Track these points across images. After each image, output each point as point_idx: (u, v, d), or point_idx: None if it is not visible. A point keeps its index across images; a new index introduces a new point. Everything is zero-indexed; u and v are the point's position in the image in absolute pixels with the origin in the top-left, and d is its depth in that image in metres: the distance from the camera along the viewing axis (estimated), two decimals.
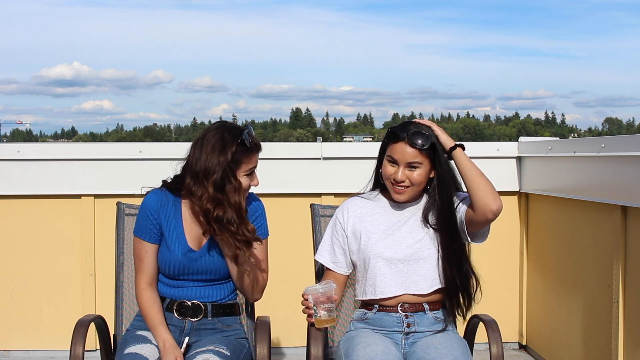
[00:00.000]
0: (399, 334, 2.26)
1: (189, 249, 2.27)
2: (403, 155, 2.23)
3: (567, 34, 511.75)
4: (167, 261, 2.27)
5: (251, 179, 2.27)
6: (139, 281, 2.30)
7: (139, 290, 2.30)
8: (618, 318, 2.96)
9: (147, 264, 2.29)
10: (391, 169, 2.27)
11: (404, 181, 2.25)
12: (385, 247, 2.29)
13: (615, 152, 2.94)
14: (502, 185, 4.06)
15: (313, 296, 2.13)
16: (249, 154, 2.25)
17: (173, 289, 2.31)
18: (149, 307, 2.26)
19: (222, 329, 2.32)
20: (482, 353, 2.62)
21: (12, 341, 4.00)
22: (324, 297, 2.13)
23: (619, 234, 2.94)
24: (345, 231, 2.36)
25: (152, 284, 2.30)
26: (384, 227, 2.33)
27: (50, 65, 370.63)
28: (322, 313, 2.13)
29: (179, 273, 2.28)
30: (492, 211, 2.20)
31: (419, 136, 2.22)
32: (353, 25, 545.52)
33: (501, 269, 4.13)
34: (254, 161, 2.28)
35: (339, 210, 2.41)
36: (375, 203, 2.38)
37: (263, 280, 2.37)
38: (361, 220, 2.35)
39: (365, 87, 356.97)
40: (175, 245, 2.26)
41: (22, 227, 3.97)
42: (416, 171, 2.25)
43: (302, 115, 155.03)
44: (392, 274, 2.25)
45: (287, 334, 3.57)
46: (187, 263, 2.27)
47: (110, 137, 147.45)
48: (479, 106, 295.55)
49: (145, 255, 2.28)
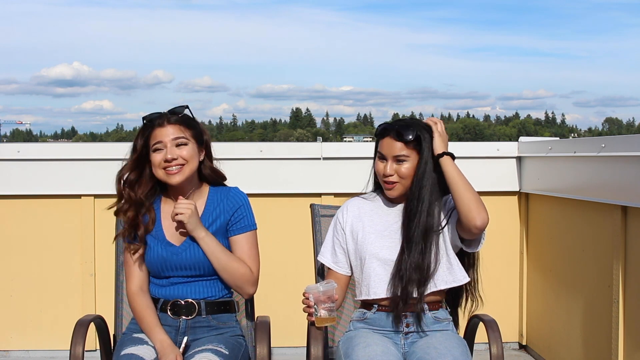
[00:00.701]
0: (397, 334, 2.26)
1: (168, 243, 2.29)
2: (390, 149, 2.24)
3: (567, 34, 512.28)
4: (149, 258, 2.30)
5: (161, 154, 2.26)
6: (129, 286, 2.32)
7: (130, 296, 2.31)
8: (618, 318, 2.96)
9: (134, 267, 2.31)
10: (381, 165, 2.28)
11: (392, 175, 2.25)
12: (381, 248, 2.29)
13: (615, 152, 2.93)
14: (502, 185, 4.08)
15: (314, 295, 2.13)
16: (149, 132, 2.29)
17: (164, 289, 2.31)
18: (142, 310, 2.27)
19: (218, 326, 2.32)
20: (482, 353, 2.62)
21: (12, 341, 4.00)
22: (324, 297, 2.13)
23: (619, 234, 2.94)
24: (344, 231, 2.36)
25: (143, 287, 2.32)
26: (380, 227, 2.32)
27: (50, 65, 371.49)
28: (323, 312, 2.12)
29: (163, 268, 2.29)
30: (475, 226, 2.14)
31: (403, 129, 2.23)
32: (353, 25, 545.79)
33: (501, 269, 4.13)
34: (157, 136, 2.27)
35: (340, 211, 2.41)
36: (373, 203, 2.39)
37: (250, 273, 2.32)
38: (359, 220, 2.35)
39: (365, 87, 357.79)
40: (154, 241, 2.29)
41: (22, 227, 3.97)
42: (404, 165, 2.24)
43: (302, 115, 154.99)
44: (387, 275, 2.25)
45: (287, 334, 3.56)
46: (168, 257, 2.28)
47: (110, 137, 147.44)
48: (479, 106, 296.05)
49: (131, 259, 2.31)
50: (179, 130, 2.28)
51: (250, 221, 2.37)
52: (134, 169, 2.30)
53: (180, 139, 2.27)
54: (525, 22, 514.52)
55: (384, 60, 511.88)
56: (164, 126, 2.28)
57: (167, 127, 2.28)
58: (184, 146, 2.27)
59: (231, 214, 2.34)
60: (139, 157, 2.29)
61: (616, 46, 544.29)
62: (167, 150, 2.25)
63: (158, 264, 2.29)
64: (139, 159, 2.29)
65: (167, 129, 2.27)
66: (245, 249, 2.34)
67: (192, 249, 2.28)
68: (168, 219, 2.32)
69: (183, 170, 2.26)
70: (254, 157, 3.96)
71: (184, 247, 2.29)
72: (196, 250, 2.28)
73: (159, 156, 2.26)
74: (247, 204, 2.37)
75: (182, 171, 2.26)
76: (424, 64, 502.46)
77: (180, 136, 2.27)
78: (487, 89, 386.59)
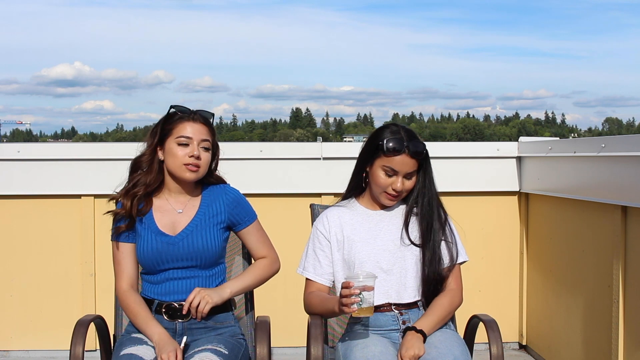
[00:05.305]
0: (395, 332, 2.26)
1: (162, 233, 2.29)
2: (403, 166, 2.25)
3: (567, 34, 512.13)
4: (142, 251, 2.28)
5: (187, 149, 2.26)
6: (119, 284, 2.31)
7: (120, 294, 2.31)
8: (618, 318, 2.96)
9: (123, 265, 2.31)
10: (389, 180, 2.27)
11: (402, 190, 2.28)
12: (368, 255, 2.30)
13: (615, 152, 2.93)
14: (502, 185, 4.08)
15: (356, 284, 2.07)
16: (178, 122, 2.29)
17: (159, 286, 2.30)
18: (134, 306, 2.27)
19: (215, 326, 2.32)
20: (482, 353, 2.62)
21: (12, 341, 4.00)
22: (366, 286, 2.07)
23: (619, 234, 2.94)
24: (329, 240, 2.36)
25: (133, 286, 2.32)
26: (364, 234, 2.34)
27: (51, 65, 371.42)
28: (367, 302, 2.06)
29: (159, 261, 2.28)
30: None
31: (418, 144, 2.25)
32: (353, 25, 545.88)
33: (501, 269, 4.13)
34: (187, 130, 2.28)
35: (318, 222, 2.41)
36: (352, 211, 2.40)
37: (269, 262, 2.43)
38: (341, 229, 2.36)
39: (366, 87, 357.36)
40: (147, 232, 2.29)
41: (22, 227, 3.97)
42: (411, 179, 2.29)
43: (302, 115, 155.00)
44: (379, 279, 2.24)
45: (287, 334, 3.56)
46: (162, 248, 2.27)
47: (110, 137, 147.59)
48: (479, 106, 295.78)
49: (121, 256, 2.31)
50: (207, 133, 2.31)
51: (252, 211, 2.43)
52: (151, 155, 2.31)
53: (206, 142, 2.30)
54: (526, 22, 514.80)
55: (384, 60, 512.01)
56: (197, 122, 2.30)
57: (200, 125, 2.30)
58: (206, 150, 2.31)
59: (232, 208, 2.36)
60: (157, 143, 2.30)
61: (616, 46, 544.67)
62: (195, 147, 2.26)
63: (153, 256, 2.27)
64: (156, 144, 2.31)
65: (200, 126, 2.30)
66: (258, 236, 2.42)
67: (189, 238, 2.29)
68: (159, 211, 2.32)
69: (198, 172, 2.29)
70: (254, 157, 3.96)
71: (181, 237, 2.29)
72: (194, 240, 2.29)
73: (185, 150, 2.26)
74: (243, 197, 2.43)
75: (198, 172, 2.29)
76: (425, 64, 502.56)
77: (207, 139, 2.31)
78: (488, 89, 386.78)
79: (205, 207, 2.35)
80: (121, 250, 2.32)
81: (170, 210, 2.33)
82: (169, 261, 2.28)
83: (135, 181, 2.31)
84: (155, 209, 2.33)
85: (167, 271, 2.30)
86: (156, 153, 2.31)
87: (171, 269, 2.29)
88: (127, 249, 2.32)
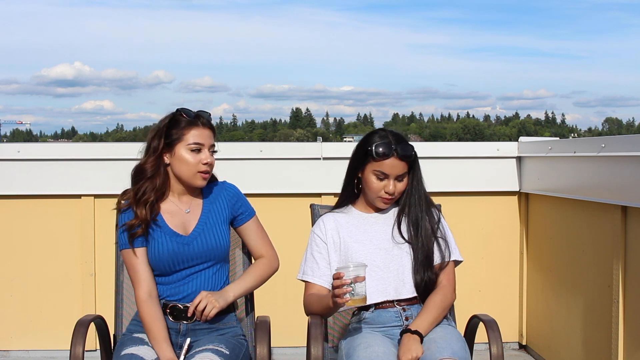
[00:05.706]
0: (398, 328, 2.27)
1: (175, 234, 2.28)
2: (393, 169, 2.30)
3: (567, 34, 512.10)
4: (158, 253, 2.27)
5: (201, 156, 2.26)
6: (138, 293, 2.27)
7: (139, 303, 2.26)
8: (618, 318, 2.96)
9: (141, 271, 2.26)
10: (381, 184, 2.32)
11: (394, 192, 2.32)
12: (365, 256, 2.32)
13: (615, 152, 2.94)
14: (502, 185, 4.08)
15: (347, 275, 2.09)
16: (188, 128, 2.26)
17: (169, 287, 2.30)
18: (151, 321, 2.22)
19: (218, 327, 2.32)
20: (482, 353, 2.62)
21: (12, 341, 4.00)
22: (357, 276, 2.09)
23: (619, 234, 2.94)
24: (326, 243, 2.39)
25: (152, 294, 2.26)
26: (360, 236, 2.38)
27: (51, 65, 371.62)
28: (358, 292, 2.09)
29: (174, 262, 2.27)
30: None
31: (406, 147, 2.31)
32: (354, 25, 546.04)
33: (501, 268, 4.13)
34: (198, 136, 2.26)
35: (316, 227, 2.45)
36: (348, 215, 2.44)
37: (268, 262, 2.43)
38: (338, 231, 2.40)
39: (366, 87, 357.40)
40: (160, 234, 2.28)
41: (22, 227, 3.97)
42: (403, 181, 2.34)
43: (302, 115, 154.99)
44: (373, 281, 2.27)
45: (287, 334, 3.56)
46: (178, 249, 2.27)
47: (110, 137, 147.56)
48: (479, 106, 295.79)
49: (137, 262, 2.27)
50: (213, 137, 2.32)
51: (251, 206, 2.45)
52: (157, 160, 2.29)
53: (214, 146, 2.31)
54: (526, 22, 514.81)
55: (384, 60, 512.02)
56: (205, 127, 2.29)
57: (208, 130, 2.30)
58: (214, 154, 2.32)
59: (233, 202, 2.39)
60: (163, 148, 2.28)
61: (616, 46, 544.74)
62: (208, 154, 2.27)
63: (169, 257, 2.26)
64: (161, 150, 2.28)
65: (208, 131, 2.30)
66: (257, 232, 2.44)
67: (202, 236, 2.30)
68: (168, 213, 2.31)
69: (208, 177, 2.31)
70: (254, 157, 3.97)
71: (194, 236, 2.30)
72: (206, 238, 2.30)
73: (197, 157, 2.26)
74: (241, 193, 2.44)
75: (208, 178, 2.31)
76: (425, 64, 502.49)
77: (214, 143, 2.31)
78: (488, 89, 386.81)
79: (208, 204, 2.37)
80: (138, 255, 2.27)
81: (177, 210, 2.33)
82: (184, 261, 2.29)
83: (144, 188, 2.28)
84: (163, 211, 2.32)
85: (180, 271, 2.30)
86: (162, 158, 2.29)
87: (184, 268, 2.30)
88: (143, 254, 2.28)
